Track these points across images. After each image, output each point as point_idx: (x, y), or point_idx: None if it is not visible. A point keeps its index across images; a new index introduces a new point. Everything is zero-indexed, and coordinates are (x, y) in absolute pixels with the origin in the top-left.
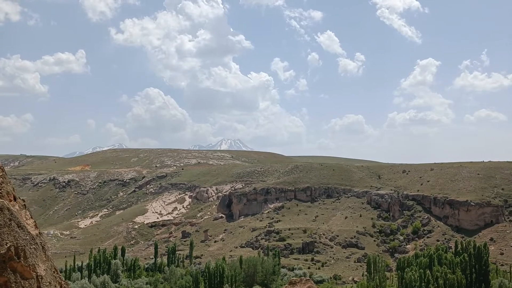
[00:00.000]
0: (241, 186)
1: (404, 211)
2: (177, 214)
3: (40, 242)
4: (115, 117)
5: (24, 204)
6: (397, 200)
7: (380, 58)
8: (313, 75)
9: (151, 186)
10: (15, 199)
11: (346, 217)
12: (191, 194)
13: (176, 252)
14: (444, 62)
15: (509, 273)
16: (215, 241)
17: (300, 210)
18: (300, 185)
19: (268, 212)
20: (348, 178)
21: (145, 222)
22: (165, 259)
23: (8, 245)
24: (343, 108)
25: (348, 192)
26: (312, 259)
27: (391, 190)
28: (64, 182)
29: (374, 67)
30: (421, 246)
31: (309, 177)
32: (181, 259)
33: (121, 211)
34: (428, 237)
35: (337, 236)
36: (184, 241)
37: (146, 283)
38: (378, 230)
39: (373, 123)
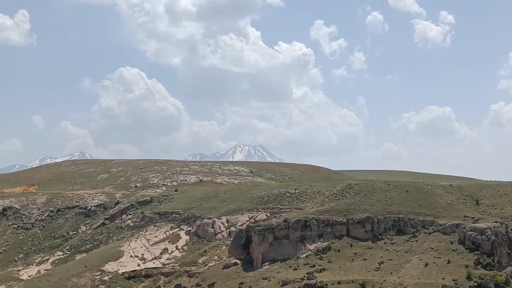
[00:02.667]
0: (265, 217)
1: None
2: (168, 259)
3: None
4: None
5: None
6: (506, 238)
7: (478, 20)
8: (375, 46)
9: (129, 216)
10: None
11: (426, 264)
12: (189, 228)
13: None
14: None
15: None
16: None
17: (355, 254)
18: (356, 215)
19: (306, 256)
20: (429, 204)
21: (119, 271)
22: None
23: None
24: (421, 96)
25: (429, 225)
26: None
27: (496, 222)
28: None
29: (469, 34)
30: None
31: (369, 202)
32: None
33: (84, 254)
34: None
35: None
36: None
37: None
38: (476, 285)
39: (468, 119)
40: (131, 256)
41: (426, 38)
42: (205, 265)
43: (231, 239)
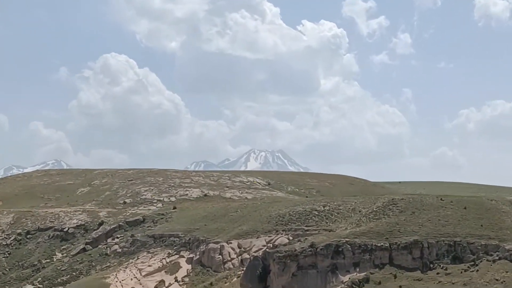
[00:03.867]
0: (287, 241)
1: None
2: None
3: None
4: (46, 110)
5: None
6: None
7: None
8: (424, 26)
9: (116, 240)
10: None
11: None
12: (191, 255)
13: None
14: None
15: None
16: None
17: (400, 287)
18: (401, 238)
19: None
20: (493, 224)
21: None
22: None
23: None
24: (482, 88)
25: (493, 250)
26: None
27: None
28: None
29: None
30: None
31: (418, 222)
32: None
33: (60, 287)
34: None
35: None
36: None
37: None
38: None
39: None
40: None
41: (488, 14)
42: None
43: (244, 268)
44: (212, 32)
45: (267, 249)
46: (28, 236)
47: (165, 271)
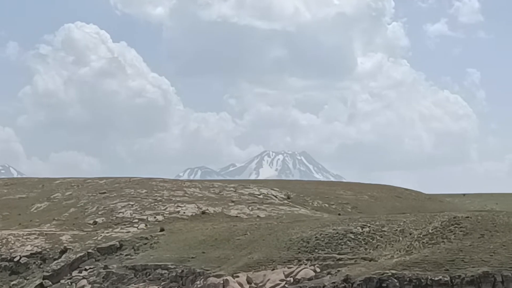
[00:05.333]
0: (313, 273)
1: None
2: None
3: None
4: None
5: None
6: None
7: None
8: None
9: (84, 273)
10: None
11: None
12: None
13: None
14: None
15: None
16: None
17: None
18: (466, 270)
19: None
20: None
21: None
22: None
23: None
24: None
25: None
26: None
27: None
28: None
29: None
30: None
31: (488, 248)
32: None
33: None
34: None
35: None
36: None
37: None
38: None
39: None
40: None
41: None
42: None
43: None
44: None
45: (286, 285)
46: None
47: None
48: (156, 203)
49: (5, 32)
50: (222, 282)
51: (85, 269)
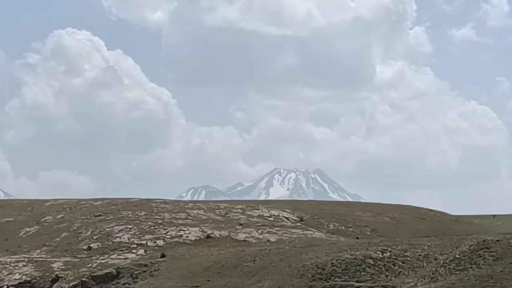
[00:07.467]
0: None
1: None
2: None
3: None
4: None
5: None
6: None
7: None
8: None
9: None
10: None
11: None
12: None
13: None
14: None
15: None
16: None
17: None
18: None
19: None
20: None
21: None
22: None
23: None
24: None
25: None
26: None
27: None
28: None
29: None
30: None
31: None
32: None
33: None
34: None
35: None
36: None
37: None
38: None
39: None
40: None
41: None
42: None
43: None
44: None
45: None
46: None
47: None
48: (156, 227)
49: None
50: None
51: None
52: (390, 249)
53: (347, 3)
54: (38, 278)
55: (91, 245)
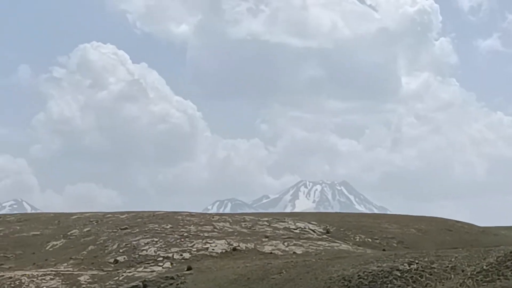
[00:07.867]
0: None
1: None
2: None
3: None
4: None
5: None
6: None
7: None
8: None
9: None
10: None
11: None
12: None
13: None
14: None
15: None
16: None
17: None
18: None
19: None
20: None
21: None
22: None
23: None
24: None
25: None
26: None
27: None
28: None
29: None
30: None
31: None
32: None
33: None
34: None
35: None
36: None
37: None
38: None
39: None
40: None
41: None
42: None
43: None
44: (240, 9)
45: None
46: None
47: None
48: (182, 240)
49: (15, 55)
50: None
51: None
52: (417, 261)
53: (372, 14)
54: None
55: (118, 258)
